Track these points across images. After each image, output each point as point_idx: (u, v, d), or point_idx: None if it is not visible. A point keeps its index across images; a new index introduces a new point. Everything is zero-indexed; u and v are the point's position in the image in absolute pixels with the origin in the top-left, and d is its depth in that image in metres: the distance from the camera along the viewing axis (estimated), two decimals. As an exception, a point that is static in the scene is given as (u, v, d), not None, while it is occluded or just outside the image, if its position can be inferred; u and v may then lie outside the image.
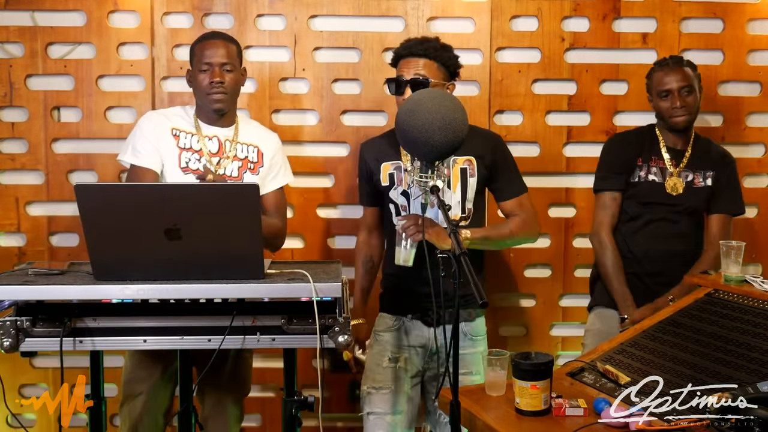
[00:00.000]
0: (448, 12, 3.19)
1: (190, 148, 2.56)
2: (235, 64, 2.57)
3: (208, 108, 2.57)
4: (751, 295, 2.23)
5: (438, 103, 2.18)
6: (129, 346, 2.02)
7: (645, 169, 2.87)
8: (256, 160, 2.64)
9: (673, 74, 2.81)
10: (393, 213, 2.57)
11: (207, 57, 2.52)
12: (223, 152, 2.60)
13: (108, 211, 1.88)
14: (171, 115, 2.62)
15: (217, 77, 2.51)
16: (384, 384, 2.54)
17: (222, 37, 2.60)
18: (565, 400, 1.89)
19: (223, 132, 2.62)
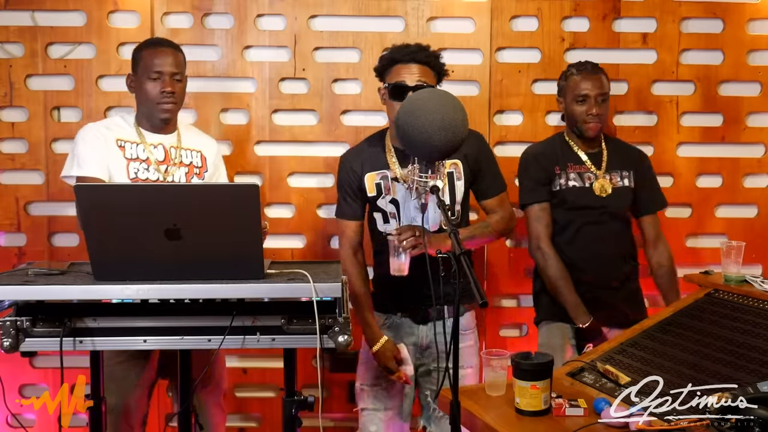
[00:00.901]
0: (448, 12, 3.19)
1: (137, 158, 2.55)
2: (183, 72, 2.59)
3: (156, 116, 2.56)
4: (751, 295, 2.23)
5: (438, 103, 2.18)
6: (129, 346, 2.01)
7: (564, 177, 2.84)
8: (201, 164, 2.66)
9: (592, 80, 2.79)
10: (380, 221, 2.59)
11: (158, 65, 2.51)
12: (170, 159, 2.59)
13: (108, 211, 1.88)
14: (112, 126, 2.59)
15: (169, 87, 2.51)
16: (375, 381, 2.61)
17: (171, 45, 2.60)
18: (565, 400, 1.89)
19: (167, 139, 2.61)
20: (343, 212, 2.65)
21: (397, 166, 2.55)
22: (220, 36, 3.15)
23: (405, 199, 2.54)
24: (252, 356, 3.24)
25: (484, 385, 2.05)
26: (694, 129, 3.27)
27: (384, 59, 2.57)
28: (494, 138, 3.22)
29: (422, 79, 2.48)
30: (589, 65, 2.85)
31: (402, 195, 2.55)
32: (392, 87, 2.51)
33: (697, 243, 3.32)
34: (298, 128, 3.21)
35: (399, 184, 2.54)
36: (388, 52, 2.58)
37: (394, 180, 2.56)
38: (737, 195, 3.29)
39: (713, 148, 3.28)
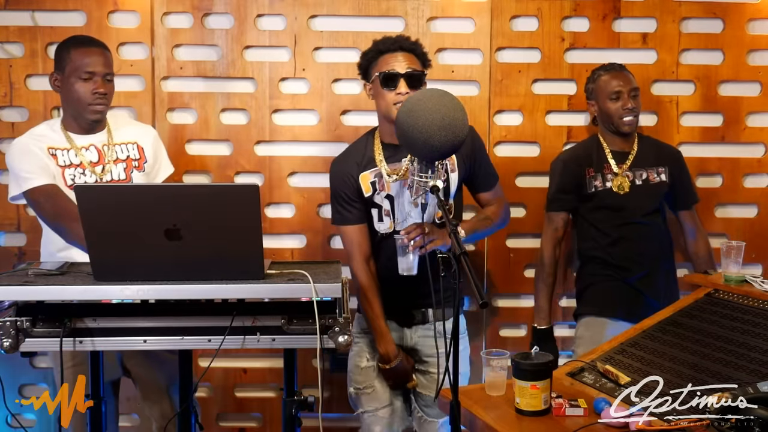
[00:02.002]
0: (448, 12, 3.19)
1: (70, 164, 2.52)
2: (113, 72, 2.56)
3: (85, 117, 2.52)
4: (751, 295, 2.23)
5: (438, 102, 2.18)
6: (129, 347, 2.01)
7: (599, 179, 2.92)
8: (139, 156, 2.63)
9: (622, 77, 2.91)
10: (374, 218, 2.57)
11: (89, 65, 2.47)
12: (104, 158, 2.56)
13: (108, 211, 1.88)
14: (39, 135, 2.54)
15: (101, 88, 2.48)
16: (367, 383, 2.61)
17: (100, 44, 2.55)
18: (565, 400, 1.89)
19: (98, 138, 2.58)
20: (346, 218, 2.58)
21: (384, 163, 2.53)
22: (220, 36, 3.15)
23: (398, 195, 2.52)
24: (252, 356, 3.24)
25: (484, 385, 2.06)
26: (694, 129, 3.27)
27: (368, 53, 2.56)
28: (494, 138, 3.22)
29: (412, 65, 2.48)
30: (615, 65, 2.96)
31: (396, 190, 2.53)
32: (384, 75, 2.48)
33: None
34: (298, 128, 3.21)
35: (391, 180, 2.53)
36: (371, 46, 2.57)
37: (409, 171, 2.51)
38: (737, 195, 3.29)
39: (713, 148, 3.28)
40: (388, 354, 2.55)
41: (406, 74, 2.46)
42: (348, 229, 2.58)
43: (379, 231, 2.57)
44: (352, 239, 2.58)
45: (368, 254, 2.59)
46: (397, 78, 2.46)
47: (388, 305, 2.59)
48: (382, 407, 2.62)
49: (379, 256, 2.60)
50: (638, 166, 2.95)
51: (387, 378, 2.60)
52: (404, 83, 2.45)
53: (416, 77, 2.48)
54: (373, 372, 2.61)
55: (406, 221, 2.51)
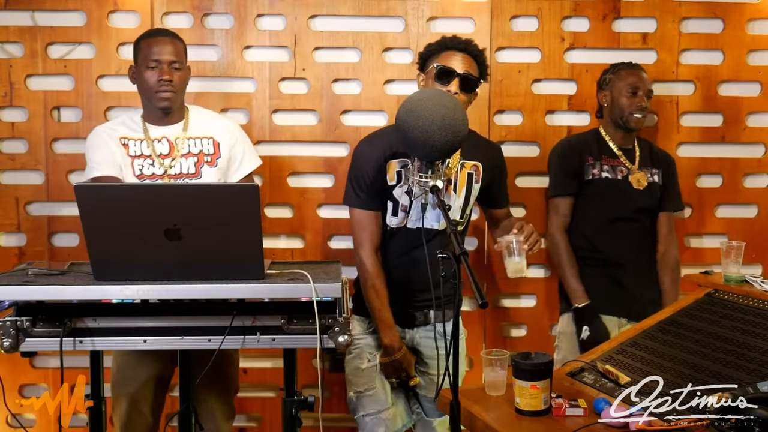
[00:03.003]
0: (448, 12, 3.19)
1: (141, 155, 2.54)
2: (183, 61, 2.56)
3: (155, 106, 2.54)
4: (751, 295, 2.23)
5: (438, 103, 2.18)
6: (129, 346, 2.01)
7: (597, 167, 2.93)
8: (213, 151, 2.60)
9: (641, 77, 2.93)
10: (389, 212, 2.52)
11: (155, 54, 2.50)
12: (175, 150, 2.56)
13: (108, 211, 1.88)
14: (117, 125, 2.59)
15: (166, 75, 2.49)
16: (369, 385, 2.56)
17: (169, 34, 2.57)
18: (565, 400, 1.89)
19: (172, 130, 2.58)
20: (364, 202, 2.47)
21: None
22: (220, 36, 3.15)
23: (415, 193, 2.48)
24: (252, 356, 3.24)
25: (484, 385, 2.06)
26: (694, 129, 3.27)
27: (433, 45, 2.53)
28: (494, 138, 3.21)
29: (469, 69, 2.47)
30: (637, 65, 2.98)
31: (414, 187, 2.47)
32: (440, 69, 2.44)
33: (697, 243, 3.32)
34: (298, 128, 3.21)
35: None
36: (438, 40, 2.54)
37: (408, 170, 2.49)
38: (737, 195, 3.30)
39: (713, 148, 3.28)
40: (393, 345, 2.50)
41: (462, 75, 2.44)
42: (363, 214, 2.49)
43: (389, 225, 2.53)
44: (366, 226, 2.49)
45: (378, 244, 2.51)
46: (453, 75, 2.44)
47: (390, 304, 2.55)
48: (384, 409, 2.57)
49: (386, 251, 2.55)
50: (641, 166, 2.97)
51: (389, 372, 2.55)
52: (457, 82, 2.43)
53: (471, 82, 2.46)
54: (374, 373, 2.57)
55: (419, 220, 2.49)
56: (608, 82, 2.98)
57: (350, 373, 2.60)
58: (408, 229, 2.50)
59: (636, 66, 2.97)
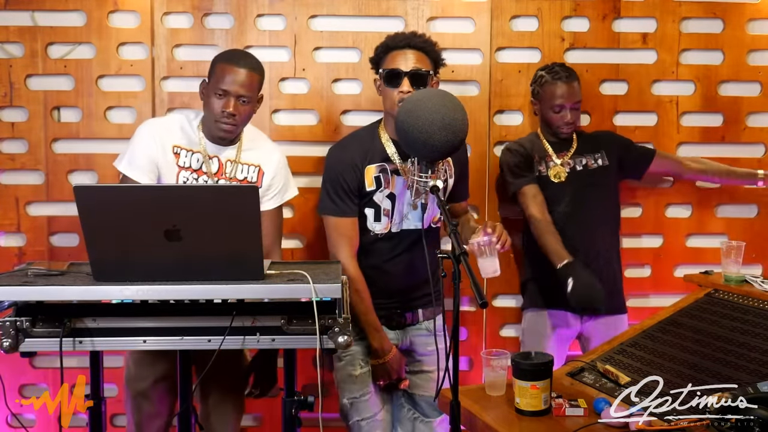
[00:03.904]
0: (448, 12, 3.19)
1: (189, 167, 2.48)
2: (254, 95, 2.45)
3: (214, 132, 2.47)
4: (751, 295, 2.23)
5: (438, 102, 2.18)
6: (129, 347, 2.02)
7: (543, 165, 2.96)
8: (255, 180, 2.55)
9: (566, 89, 2.88)
10: (369, 217, 2.52)
11: (226, 83, 2.38)
12: (223, 173, 2.51)
13: (107, 211, 1.88)
14: (174, 128, 2.51)
15: (231, 108, 2.38)
16: (363, 390, 2.56)
17: (249, 64, 2.44)
18: (565, 400, 1.89)
19: (226, 152, 2.52)
20: (342, 210, 2.49)
21: (398, 157, 2.49)
22: (220, 36, 3.15)
23: (401, 194, 2.50)
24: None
25: (484, 385, 2.06)
26: (694, 129, 3.27)
27: (378, 48, 2.54)
28: (494, 138, 3.22)
29: (417, 65, 2.45)
30: (562, 72, 2.91)
31: (399, 189, 2.50)
32: (387, 73, 2.46)
33: (697, 243, 3.32)
34: (298, 128, 3.21)
35: (399, 177, 2.49)
36: (383, 41, 2.55)
37: (394, 173, 2.50)
38: (737, 195, 3.29)
39: (713, 148, 3.28)
40: (383, 348, 2.50)
41: (410, 73, 2.43)
42: (341, 222, 2.49)
43: (373, 231, 2.52)
44: (343, 232, 2.50)
45: (356, 249, 2.52)
46: (400, 76, 2.44)
47: (378, 308, 2.54)
48: (379, 411, 2.59)
49: (371, 257, 2.55)
50: (578, 154, 2.99)
51: (379, 375, 2.54)
52: (407, 82, 2.42)
53: (421, 77, 2.44)
54: (368, 378, 2.56)
55: (402, 223, 2.50)
56: (536, 94, 2.99)
57: (342, 380, 2.59)
58: (392, 233, 2.50)
59: (560, 76, 2.89)
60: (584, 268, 2.71)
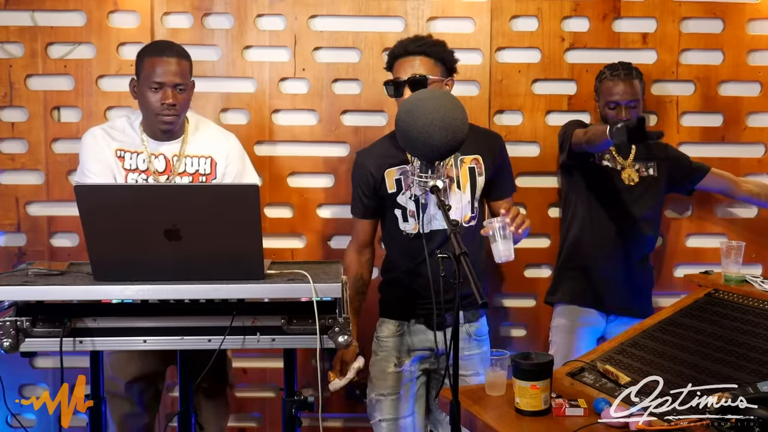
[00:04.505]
0: (448, 12, 3.19)
1: (136, 169, 2.48)
2: (188, 82, 2.47)
3: (156, 127, 2.47)
4: (751, 295, 2.23)
5: (438, 102, 2.18)
6: (129, 347, 2.01)
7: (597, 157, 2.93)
8: (209, 171, 2.54)
9: (623, 86, 2.85)
10: (399, 218, 2.54)
11: (158, 75, 2.39)
12: (171, 169, 2.50)
13: (108, 211, 1.88)
14: (115, 132, 2.51)
15: (170, 99, 2.39)
16: (392, 390, 2.56)
17: (176, 52, 2.45)
18: (565, 400, 1.89)
19: (170, 147, 2.51)
20: (355, 209, 2.65)
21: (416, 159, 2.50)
22: (220, 36, 3.15)
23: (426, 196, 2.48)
24: (252, 356, 3.24)
25: (484, 385, 2.06)
26: (694, 129, 3.27)
27: (388, 58, 2.56)
28: (494, 138, 3.22)
29: (418, 71, 2.44)
30: (621, 70, 2.89)
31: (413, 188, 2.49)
32: (389, 84, 2.49)
33: (697, 243, 3.32)
34: (298, 128, 3.21)
35: None
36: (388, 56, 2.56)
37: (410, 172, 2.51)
38: (737, 195, 3.29)
39: (713, 148, 3.28)
40: None
41: (408, 81, 2.44)
42: (353, 221, 2.68)
43: (405, 231, 2.54)
44: (359, 231, 2.66)
45: (363, 245, 2.66)
46: (400, 86, 2.46)
47: (417, 309, 2.55)
48: (402, 417, 2.57)
49: (407, 258, 2.55)
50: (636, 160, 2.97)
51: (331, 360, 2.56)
52: (408, 90, 2.43)
53: (418, 83, 2.43)
54: (398, 378, 2.56)
55: (431, 224, 2.49)
56: (596, 90, 2.99)
57: (375, 376, 2.60)
58: (422, 233, 2.50)
59: (618, 74, 2.88)
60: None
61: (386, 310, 2.64)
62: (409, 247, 2.54)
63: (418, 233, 2.51)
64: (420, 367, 2.59)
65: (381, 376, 2.58)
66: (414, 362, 2.58)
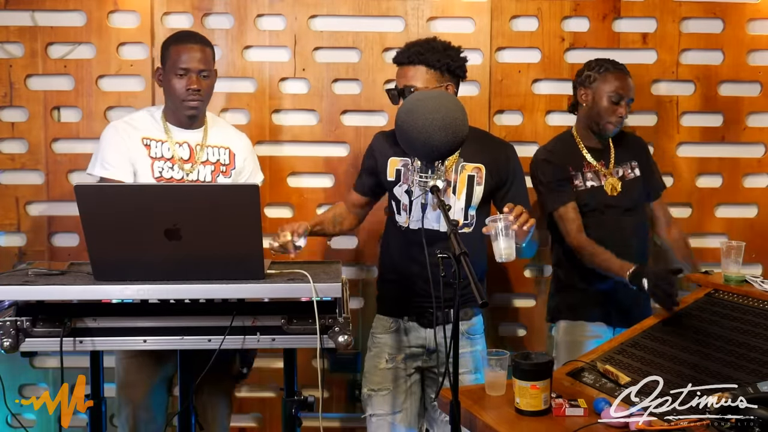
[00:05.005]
0: (448, 12, 3.19)
1: (161, 157, 2.52)
2: (212, 69, 2.55)
3: (181, 113, 2.53)
4: (751, 295, 2.23)
5: (438, 102, 2.18)
6: (129, 346, 2.02)
7: (579, 178, 2.80)
8: (228, 162, 2.62)
9: (627, 81, 2.78)
10: (395, 210, 2.56)
11: (184, 62, 2.47)
12: (195, 156, 2.56)
13: (108, 211, 1.88)
14: (138, 123, 2.56)
15: (195, 84, 2.47)
16: (383, 385, 2.57)
17: (200, 40, 2.54)
18: (565, 400, 1.89)
19: (193, 135, 2.58)
20: (356, 183, 2.71)
21: None
22: (220, 36, 3.15)
23: (415, 193, 2.49)
24: (252, 356, 3.24)
25: (484, 385, 2.06)
26: (694, 129, 3.27)
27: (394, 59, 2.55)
28: (494, 138, 3.22)
29: (409, 83, 2.41)
30: (624, 67, 2.82)
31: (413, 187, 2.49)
32: (389, 91, 2.50)
33: (697, 243, 3.32)
34: (298, 128, 3.21)
35: None
36: None
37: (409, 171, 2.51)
38: (737, 195, 3.29)
39: (713, 148, 3.28)
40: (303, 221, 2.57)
41: (402, 89, 2.44)
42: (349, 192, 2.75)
43: (398, 223, 2.55)
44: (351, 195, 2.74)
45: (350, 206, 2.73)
46: (396, 96, 2.46)
47: (410, 306, 2.55)
48: (394, 412, 2.56)
49: (405, 249, 2.54)
50: (618, 164, 2.85)
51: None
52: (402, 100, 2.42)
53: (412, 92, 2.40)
54: (391, 374, 2.57)
55: (421, 221, 2.49)
56: (592, 80, 2.81)
57: (367, 371, 2.63)
58: (411, 229, 2.50)
59: (623, 69, 2.81)
60: (648, 267, 2.60)
61: (382, 306, 2.66)
62: (405, 240, 2.54)
63: (409, 228, 2.52)
64: (413, 365, 2.59)
65: (373, 371, 2.60)
66: (407, 359, 2.58)
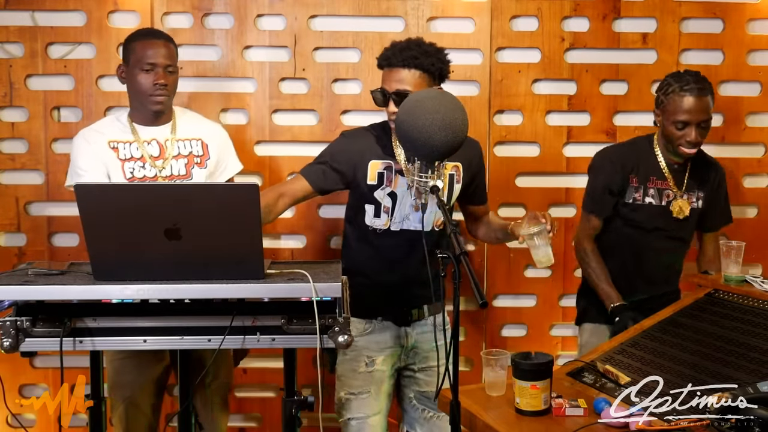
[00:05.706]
0: (448, 12, 3.19)
1: (131, 158, 2.53)
2: (176, 64, 2.56)
3: (148, 108, 2.53)
4: (751, 295, 2.23)
5: (438, 102, 2.18)
6: (129, 346, 2.01)
7: (641, 191, 2.71)
8: (202, 153, 2.62)
9: (694, 104, 2.56)
10: (369, 214, 2.51)
11: (150, 57, 2.48)
12: (166, 152, 2.57)
13: (108, 211, 1.87)
14: (104, 128, 2.57)
15: (162, 79, 2.48)
16: (363, 389, 2.55)
17: (163, 36, 2.56)
18: (565, 400, 1.89)
19: (161, 132, 2.58)
20: (308, 173, 2.49)
21: (403, 157, 2.47)
22: (220, 36, 3.15)
23: (403, 195, 2.48)
24: (252, 356, 3.23)
25: (484, 385, 2.06)
26: (694, 129, 3.27)
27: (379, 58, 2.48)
28: (494, 138, 3.22)
29: (402, 86, 2.37)
30: (695, 84, 2.58)
31: (402, 190, 2.48)
32: (374, 92, 2.44)
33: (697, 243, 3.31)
34: (298, 128, 3.21)
35: (402, 178, 2.48)
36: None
37: (398, 172, 2.49)
38: (737, 195, 3.29)
39: (713, 148, 3.27)
40: None
41: (392, 94, 2.39)
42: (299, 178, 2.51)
43: (372, 226, 2.51)
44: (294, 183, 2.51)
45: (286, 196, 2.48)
46: (386, 97, 2.41)
47: (384, 306, 2.55)
48: (372, 415, 2.55)
49: (376, 252, 2.54)
50: (689, 189, 2.74)
51: None
52: (392, 103, 2.38)
53: (403, 97, 2.34)
54: (370, 377, 2.55)
55: (403, 223, 2.50)
56: (660, 102, 2.66)
57: (344, 374, 2.58)
58: (392, 231, 2.50)
59: (689, 88, 2.56)
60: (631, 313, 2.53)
61: (353, 309, 2.60)
62: (377, 243, 2.52)
63: (388, 230, 2.50)
64: (391, 365, 2.58)
65: (351, 375, 2.56)
66: (385, 360, 2.57)
